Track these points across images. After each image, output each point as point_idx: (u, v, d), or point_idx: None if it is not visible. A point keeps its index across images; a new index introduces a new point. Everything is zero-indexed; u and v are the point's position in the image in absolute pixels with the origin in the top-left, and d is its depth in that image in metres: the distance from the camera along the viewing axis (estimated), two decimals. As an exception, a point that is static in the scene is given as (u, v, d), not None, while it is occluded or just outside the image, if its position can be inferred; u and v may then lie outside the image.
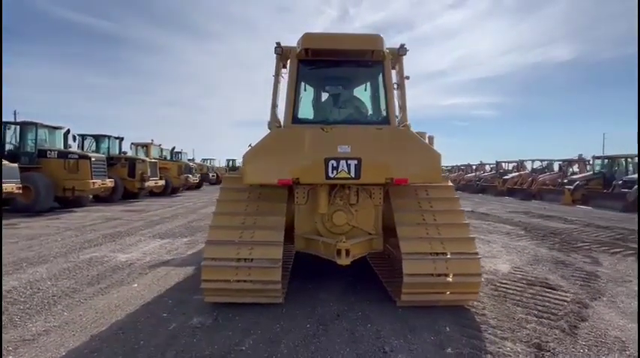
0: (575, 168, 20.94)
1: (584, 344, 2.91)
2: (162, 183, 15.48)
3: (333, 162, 3.44)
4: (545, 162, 22.76)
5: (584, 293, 4.12)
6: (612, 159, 16.68)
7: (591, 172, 17.31)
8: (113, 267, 5.04)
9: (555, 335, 3.05)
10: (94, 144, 14.74)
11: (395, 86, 4.01)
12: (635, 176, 13.79)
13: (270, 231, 3.57)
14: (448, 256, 3.47)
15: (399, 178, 3.49)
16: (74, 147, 12.99)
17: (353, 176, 3.46)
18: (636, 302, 3.84)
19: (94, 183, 11.45)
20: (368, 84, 3.98)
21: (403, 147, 3.54)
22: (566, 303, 3.77)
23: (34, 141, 11.31)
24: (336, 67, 3.99)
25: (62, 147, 12.05)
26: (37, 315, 3.38)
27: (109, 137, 15.23)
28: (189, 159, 22.01)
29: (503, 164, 25.09)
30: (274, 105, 4.07)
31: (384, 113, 3.84)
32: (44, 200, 10.48)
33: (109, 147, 15.06)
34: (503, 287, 4.25)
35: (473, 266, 3.47)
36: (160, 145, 18.47)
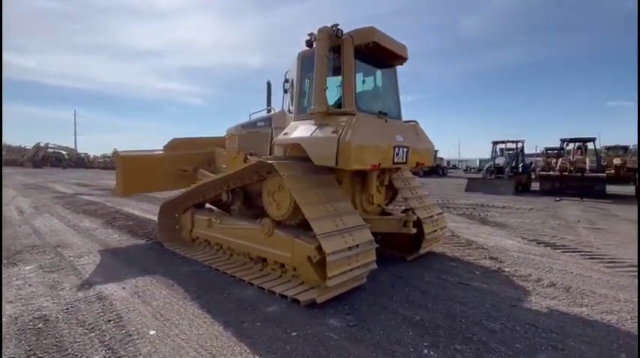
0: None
1: (516, 255, 5.13)
2: None
3: (397, 149, 4.04)
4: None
5: (469, 234, 6.77)
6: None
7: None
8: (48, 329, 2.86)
9: (497, 255, 5.14)
10: None
11: None
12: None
13: (355, 215, 3.67)
14: (435, 217, 4.95)
15: (421, 162, 4.58)
16: None
17: (404, 161, 4.21)
18: (491, 235, 6.85)
19: None
20: (387, 83, 4.63)
21: (422, 138, 4.63)
22: (471, 242, 6.17)
23: None
24: (375, 64, 4.37)
25: None
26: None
27: None
28: None
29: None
30: (323, 88, 3.82)
31: (397, 109, 4.69)
32: None
33: None
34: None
35: (444, 221, 5.16)
36: None
